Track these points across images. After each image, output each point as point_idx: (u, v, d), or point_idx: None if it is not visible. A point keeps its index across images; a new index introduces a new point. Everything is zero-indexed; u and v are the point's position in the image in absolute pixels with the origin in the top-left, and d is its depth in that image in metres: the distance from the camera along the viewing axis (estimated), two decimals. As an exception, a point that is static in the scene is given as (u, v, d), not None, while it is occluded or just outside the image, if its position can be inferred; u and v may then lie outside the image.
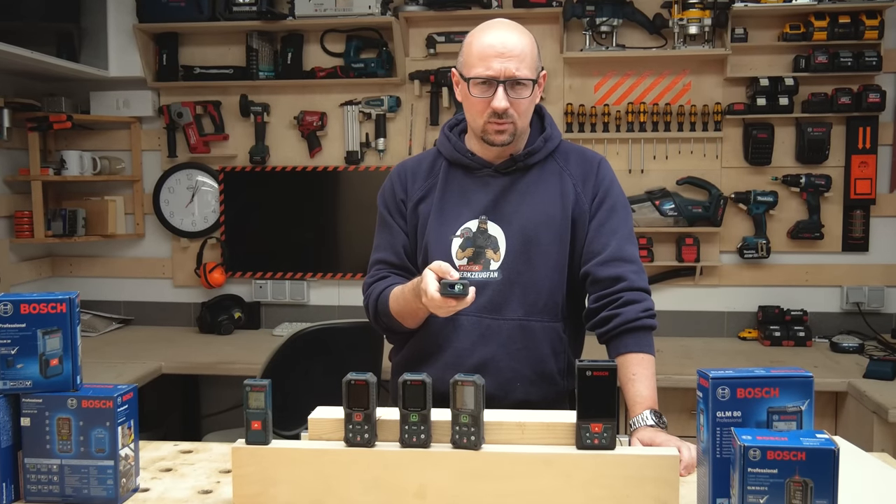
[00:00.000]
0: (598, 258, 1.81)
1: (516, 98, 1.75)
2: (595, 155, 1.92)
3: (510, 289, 1.80)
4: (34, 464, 1.40)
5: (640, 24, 3.48)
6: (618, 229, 1.84)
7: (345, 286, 3.79)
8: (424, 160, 1.94)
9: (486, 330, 1.80)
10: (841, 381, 2.85)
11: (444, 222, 1.84)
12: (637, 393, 1.71)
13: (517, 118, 1.77)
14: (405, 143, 3.68)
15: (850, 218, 3.49)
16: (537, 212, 1.82)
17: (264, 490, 1.35)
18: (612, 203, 1.86)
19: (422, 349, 1.86)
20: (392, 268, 1.91)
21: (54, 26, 3.51)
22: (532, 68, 1.76)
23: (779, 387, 1.24)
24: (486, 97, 1.75)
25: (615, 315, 1.78)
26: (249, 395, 1.35)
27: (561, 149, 1.90)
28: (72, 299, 1.40)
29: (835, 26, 3.32)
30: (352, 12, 3.48)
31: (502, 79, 1.73)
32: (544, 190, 1.84)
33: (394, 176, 1.95)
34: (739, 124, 3.52)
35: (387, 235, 1.92)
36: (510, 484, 1.31)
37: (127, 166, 3.84)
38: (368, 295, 1.90)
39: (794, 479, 1.13)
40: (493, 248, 1.81)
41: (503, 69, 1.72)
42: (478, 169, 1.86)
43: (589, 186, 1.86)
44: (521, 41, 1.75)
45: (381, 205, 1.95)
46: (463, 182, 1.87)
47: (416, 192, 1.90)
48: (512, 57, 1.73)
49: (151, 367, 3.11)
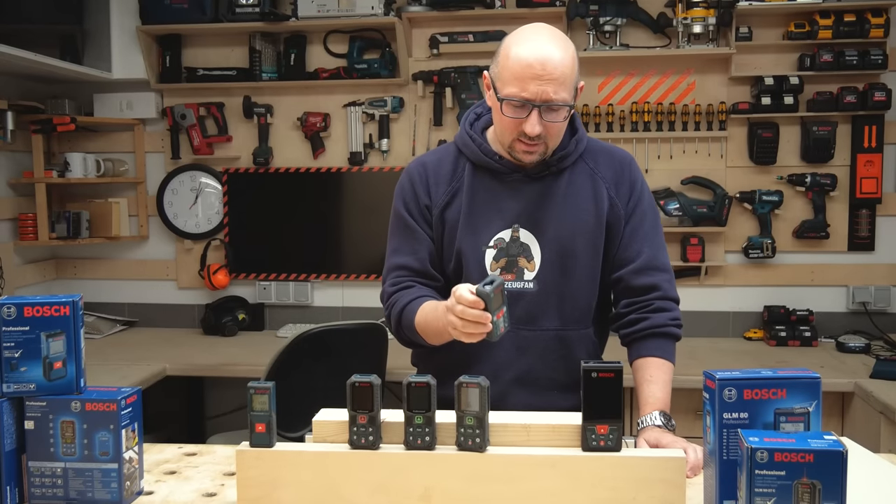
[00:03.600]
0: (632, 266, 1.78)
1: (550, 121, 1.65)
2: (624, 154, 1.86)
3: (546, 299, 1.75)
4: (38, 467, 1.39)
5: (644, 23, 3.47)
6: (651, 235, 1.81)
7: (349, 287, 3.79)
8: (445, 159, 1.83)
9: (522, 342, 1.75)
10: (847, 381, 2.84)
11: (475, 232, 1.75)
12: (650, 394, 1.70)
13: (549, 140, 1.69)
14: (409, 144, 3.68)
15: (855, 217, 3.48)
16: (572, 219, 1.75)
17: (268, 493, 1.35)
18: (645, 207, 1.82)
19: (455, 362, 1.75)
20: (415, 275, 1.80)
21: (57, 28, 3.51)
22: (570, 89, 1.65)
23: (786, 388, 1.23)
24: (518, 118, 1.65)
25: (644, 319, 1.77)
26: (253, 397, 1.35)
27: (589, 148, 1.82)
28: (75, 302, 1.40)
29: (840, 25, 3.30)
30: (355, 13, 3.47)
31: (538, 102, 1.62)
32: (578, 195, 1.77)
33: (414, 176, 1.82)
34: (744, 123, 3.51)
35: (408, 239, 1.81)
36: (516, 486, 1.31)
37: (130, 168, 3.85)
38: (391, 305, 1.80)
39: (802, 481, 1.12)
40: (527, 257, 1.75)
41: (540, 92, 1.61)
42: (506, 174, 1.76)
43: (623, 190, 1.80)
44: (563, 60, 1.63)
45: (401, 206, 1.82)
46: (491, 187, 1.77)
47: (441, 198, 1.79)
48: (550, 80, 1.61)
49: (156, 368, 3.11)
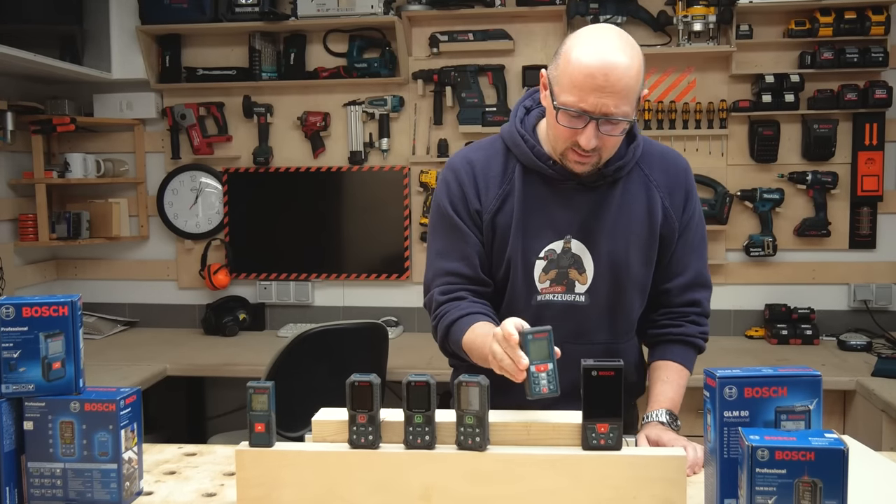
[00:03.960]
0: (679, 280, 1.76)
1: (608, 135, 1.55)
2: (679, 160, 1.78)
3: (597, 313, 1.71)
4: (37, 468, 1.39)
5: (644, 21, 3.46)
6: (700, 249, 1.78)
7: (349, 287, 3.79)
8: (493, 159, 1.72)
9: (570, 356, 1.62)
10: (849, 379, 2.84)
11: (526, 241, 1.68)
12: (662, 392, 1.70)
13: (604, 152, 1.59)
14: (409, 143, 3.67)
15: (856, 215, 3.47)
16: (625, 231, 1.68)
17: (268, 493, 1.34)
18: (697, 219, 1.77)
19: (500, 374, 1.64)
20: (467, 282, 1.71)
21: (57, 29, 3.51)
22: (632, 102, 1.54)
23: (787, 386, 1.23)
24: (573, 128, 1.55)
25: (676, 326, 1.77)
26: (253, 397, 1.34)
27: (645, 152, 1.72)
28: (73, 302, 1.39)
29: (840, 22, 3.30)
30: (354, 12, 3.47)
31: (596, 115, 1.52)
32: (632, 205, 1.69)
33: (462, 176, 1.72)
34: (745, 121, 3.50)
35: (457, 242, 1.71)
36: (516, 485, 1.30)
37: (131, 168, 3.85)
38: (439, 315, 1.70)
39: (803, 479, 1.11)
40: (578, 269, 1.68)
41: (599, 105, 1.50)
42: (559, 181, 1.67)
43: (677, 200, 1.73)
44: (627, 71, 1.50)
45: (449, 206, 1.71)
46: (543, 194, 1.68)
47: (492, 202, 1.70)
48: (612, 93, 1.49)
49: (156, 369, 3.11)
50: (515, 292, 1.70)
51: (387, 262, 3.70)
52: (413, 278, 3.70)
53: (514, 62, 3.57)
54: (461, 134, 3.58)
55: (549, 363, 1.33)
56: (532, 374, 1.32)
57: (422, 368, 2.97)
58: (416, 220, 3.68)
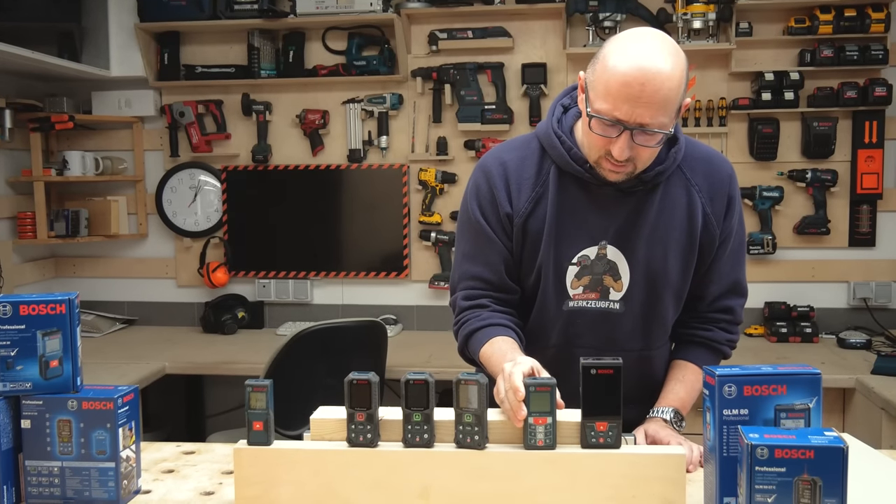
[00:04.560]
0: (717, 287, 1.71)
1: (643, 146, 1.47)
2: (725, 165, 1.69)
3: (632, 321, 1.66)
4: (35, 466, 1.39)
5: (644, 18, 3.46)
6: (740, 256, 1.74)
7: (348, 285, 3.78)
8: (528, 159, 1.65)
9: None
10: (848, 377, 2.83)
11: (559, 247, 1.62)
12: (673, 391, 1.68)
13: (638, 162, 1.52)
14: (408, 141, 3.67)
15: (856, 213, 3.47)
16: (664, 238, 1.62)
17: (266, 491, 1.34)
18: (738, 228, 1.71)
19: None
20: (491, 288, 1.68)
21: (55, 26, 3.50)
22: (671, 114, 1.46)
23: (786, 384, 1.22)
24: (607, 137, 1.48)
25: (705, 329, 1.74)
26: (251, 395, 1.34)
27: (687, 154, 1.64)
28: (71, 300, 1.39)
29: (840, 20, 3.30)
30: (353, 9, 3.46)
31: (631, 125, 1.44)
32: (672, 212, 1.62)
33: (494, 178, 1.65)
34: (744, 119, 3.50)
35: (483, 248, 1.67)
36: (514, 484, 1.30)
37: (129, 166, 3.84)
38: (461, 322, 1.68)
39: (803, 477, 1.11)
40: (613, 276, 1.63)
41: (634, 115, 1.43)
42: (596, 185, 1.60)
43: (719, 206, 1.65)
44: (666, 81, 1.43)
45: (476, 209, 1.66)
46: (578, 198, 1.62)
47: (524, 205, 1.63)
48: (649, 104, 1.42)
49: (155, 367, 3.11)
50: (546, 298, 1.65)
51: (386, 260, 3.70)
52: (412, 276, 3.69)
53: (514, 60, 3.56)
54: (460, 132, 3.58)
55: (549, 417, 1.30)
56: (529, 425, 1.30)
57: (420, 367, 2.97)
58: (414, 218, 3.67)
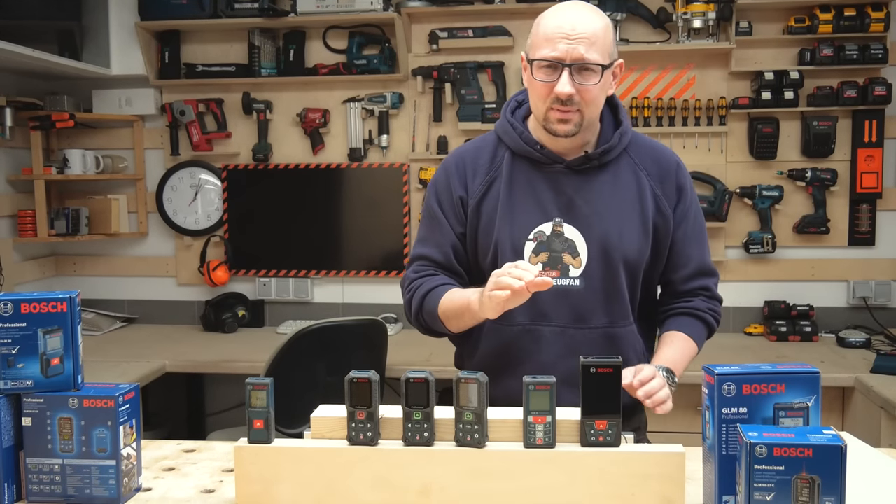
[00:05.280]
0: (683, 272, 1.78)
1: (583, 84, 1.62)
2: (670, 153, 1.81)
3: (594, 296, 1.71)
4: (36, 464, 1.39)
5: (644, 18, 3.46)
6: (700, 239, 1.81)
7: (349, 283, 3.79)
8: (484, 149, 1.79)
9: (570, 341, 1.70)
10: (848, 376, 2.84)
11: (514, 224, 1.71)
12: (663, 353, 1.72)
13: (584, 107, 1.64)
14: (408, 140, 3.67)
15: (856, 212, 3.47)
16: (617, 214, 1.71)
17: (267, 489, 1.35)
18: (695, 212, 1.80)
19: (498, 360, 1.73)
20: (438, 267, 1.78)
21: (56, 25, 3.51)
22: (603, 53, 1.62)
23: (785, 383, 1.23)
24: (550, 81, 1.62)
25: (684, 301, 1.80)
26: (252, 393, 1.34)
27: (634, 142, 1.78)
28: (72, 298, 1.39)
29: (840, 19, 3.30)
30: (354, 8, 3.46)
31: (568, 62, 1.60)
32: (622, 190, 1.72)
33: (450, 167, 1.79)
34: (744, 118, 3.50)
35: (434, 232, 1.80)
36: (514, 482, 1.31)
37: (130, 165, 3.84)
38: (412, 290, 1.78)
39: (801, 476, 1.12)
40: (572, 253, 1.70)
41: (570, 51, 1.60)
42: (547, 164, 1.72)
43: (670, 191, 1.76)
44: (593, 22, 1.62)
45: (433, 197, 1.80)
46: (530, 177, 1.73)
47: (478, 189, 1.75)
48: (581, 39, 1.60)
49: (155, 365, 3.11)
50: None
51: (386, 258, 3.70)
52: (412, 275, 3.69)
53: (514, 59, 3.56)
54: (461, 131, 3.58)
55: (548, 416, 1.30)
56: (529, 423, 1.31)
57: (421, 365, 2.97)
58: (415, 216, 3.67)
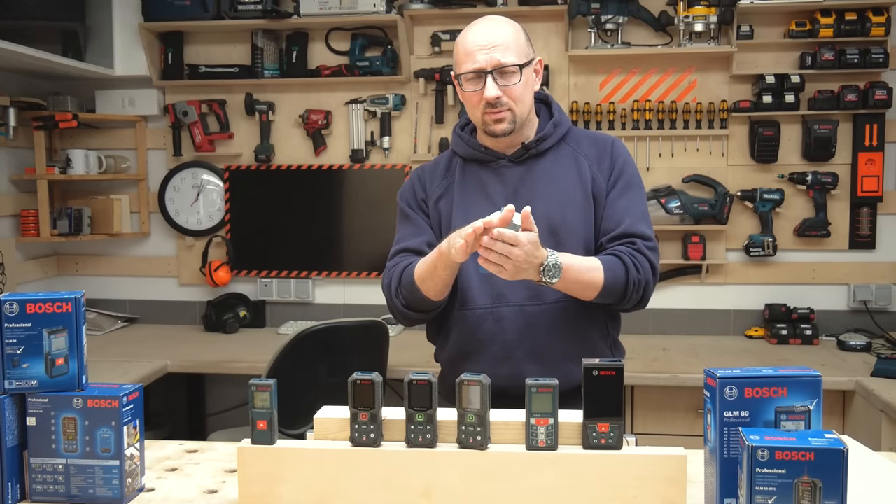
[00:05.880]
0: (610, 234, 1.83)
1: (507, 85, 1.79)
2: (607, 137, 1.95)
3: None
4: (40, 463, 1.40)
5: (646, 21, 3.47)
6: (630, 208, 1.84)
7: (350, 284, 3.79)
8: (440, 161, 2.00)
9: (529, 318, 1.82)
10: (848, 379, 2.84)
11: (467, 215, 1.83)
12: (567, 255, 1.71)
13: (513, 105, 1.81)
14: (410, 142, 3.68)
15: (856, 215, 3.48)
16: (558, 195, 1.84)
17: (270, 490, 1.35)
18: (626, 181, 1.87)
19: (466, 345, 1.87)
20: (416, 255, 1.89)
21: (60, 25, 3.51)
22: (519, 54, 1.80)
23: (787, 386, 1.23)
24: (478, 90, 1.80)
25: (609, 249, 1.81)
26: (255, 394, 1.35)
27: (572, 133, 1.93)
28: (77, 299, 1.40)
29: (841, 23, 3.30)
30: (357, 10, 3.47)
31: (489, 69, 1.78)
32: (562, 173, 1.87)
33: (413, 178, 2.00)
34: (745, 122, 3.51)
35: (410, 227, 1.94)
36: (516, 484, 1.31)
37: (132, 165, 3.85)
38: (391, 272, 1.90)
39: (803, 479, 1.12)
40: None
41: (488, 59, 1.77)
42: (492, 161, 1.89)
43: (605, 166, 1.88)
44: (504, 30, 1.81)
45: (403, 203, 1.98)
46: (479, 175, 1.90)
47: (436, 191, 1.94)
48: (495, 47, 1.78)
49: (157, 365, 3.12)
50: (466, 267, 1.81)
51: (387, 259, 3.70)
52: (413, 276, 3.70)
53: (516, 61, 3.57)
54: (462, 132, 3.59)
55: (550, 418, 1.31)
56: (531, 426, 1.32)
57: (423, 367, 2.98)
58: (416, 218, 3.68)
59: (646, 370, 2.97)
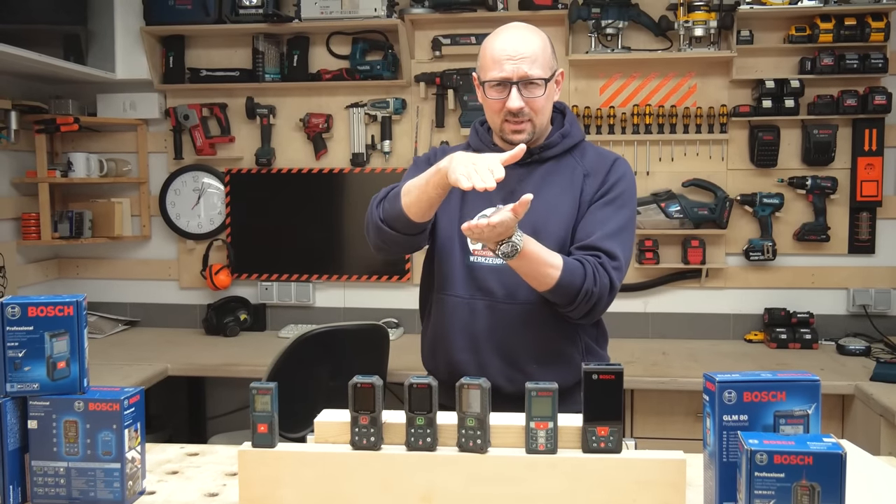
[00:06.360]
0: (579, 243, 1.84)
1: (530, 97, 1.82)
2: (613, 154, 1.97)
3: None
4: (41, 466, 1.40)
5: (646, 26, 3.47)
6: (606, 223, 1.84)
7: (350, 288, 3.80)
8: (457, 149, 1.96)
9: (500, 314, 1.87)
10: (847, 383, 2.84)
11: (464, 208, 1.91)
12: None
13: (534, 116, 1.85)
14: (411, 145, 3.69)
15: (856, 220, 3.48)
16: (547, 201, 1.87)
17: (270, 493, 1.36)
18: (612, 198, 1.88)
19: (440, 329, 1.95)
20: None
21: (61, 29, 3.52)
22: (545, 67, 1.83)
23: (785, 390, 1.24)
24: (501, 98, 1.83)
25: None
26: (256, 397, 1.35)
27: (581, 147, 1.96)
28: (79, 302, 1.40)
29: (840, 28, 3.31)
30: (357, 14, 3.48)
31: (515, 79, 1.81)
32: (556, 181, 1.90)
33: (431, 151, 2.04)
34: (745, 126, 3.51)
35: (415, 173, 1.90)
36: (516, 487, 1.32)
37: (133, 168, 3.85)
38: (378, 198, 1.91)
39: (802, 483, 1.12)
40: None
41: (515, 70, 1.80)
42: None
43: (598, 179, 1.90)
44: (533, 42, 1.84)
45: (416, 161, 2.01)
46: None
47: None
48: (524, 58, 1.80)
49: (157, 368, 3.12)
50: (453, 253, 1.91)
51: (387, 263, 3.71)
52: (413, 280, 3.70)
53: (516, 65, 3.58)
54: (463, 136, 3.59)
55: (550, 422, 1.32)
56: (531, 429, 1.32)
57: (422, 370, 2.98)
58: (417, 222, 3.68)
59: (645, 374, 2.98)
